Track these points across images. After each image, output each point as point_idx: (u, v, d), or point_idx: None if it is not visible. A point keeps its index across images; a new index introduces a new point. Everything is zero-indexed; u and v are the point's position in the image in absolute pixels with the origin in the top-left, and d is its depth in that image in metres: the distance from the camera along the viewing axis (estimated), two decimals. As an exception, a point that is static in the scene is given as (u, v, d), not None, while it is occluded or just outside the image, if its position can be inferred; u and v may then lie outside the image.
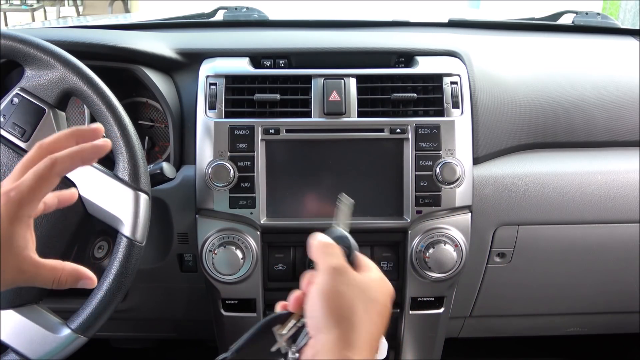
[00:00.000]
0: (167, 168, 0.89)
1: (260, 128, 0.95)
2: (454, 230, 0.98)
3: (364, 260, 0.62)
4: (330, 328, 0.54)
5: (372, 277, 0.60)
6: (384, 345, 1.03)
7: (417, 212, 0.96)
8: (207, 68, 1.01)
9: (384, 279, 0.61)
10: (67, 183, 0.76)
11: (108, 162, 0.81)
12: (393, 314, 1.06)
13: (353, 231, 0.98)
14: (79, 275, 0.61)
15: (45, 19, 6.13)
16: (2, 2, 5.86)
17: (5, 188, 0.54)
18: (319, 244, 0.61)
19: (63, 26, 1.34)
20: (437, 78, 1.00)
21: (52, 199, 0.62)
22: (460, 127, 0.97)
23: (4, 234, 0.54)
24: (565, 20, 1.33)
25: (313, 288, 0.57)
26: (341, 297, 0.55)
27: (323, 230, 0.98)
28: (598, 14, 1.30)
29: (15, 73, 1.06)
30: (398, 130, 0.96)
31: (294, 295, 0.60)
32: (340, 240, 0.62)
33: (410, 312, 1.06)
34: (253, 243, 0.97)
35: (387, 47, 1.08)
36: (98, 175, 0.76)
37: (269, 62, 1.05)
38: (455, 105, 0.99)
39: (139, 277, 0.83)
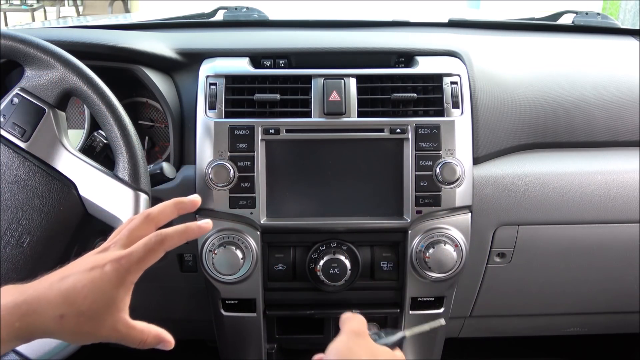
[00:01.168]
0: (167, 168, 0.89)
1: (260, 128, 0.95)
2: (454, 230, 0.98)
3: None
4: None
5: (387, 350, 0.66)
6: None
7: (417, 212, 0.96)
8: (207, 68, 1.01)
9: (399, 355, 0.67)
10: (67, 183, 0.76)
11: (108, 162, 0.81)
12: (393, 314, 1.08)
13: (353, 231, 0.99)
14: (161, 339, 0.68)
15: (45, 19, 6.13)
16: (2, 2, 5.86)
17: (116, 255, 0.60)
18: (348, 314, 0.68)
19: (63, 26, 1.34)
20: (437, 78, 1.00)
21: (152, 337, 0.69)
22: (460, 127, 0.97)
23: (109, 296, 0.60)
24: (565, 20, 1.33)
25: (330, 345, 0.62)
26: (352, 354, 0.61)
27: (324, 230, 0.99)
28: (598, 14, 1.30)
29: (15, 73, 1.06)
30: (398, 130, 0.96)
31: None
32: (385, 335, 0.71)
33: (410, 312, 1.06)
34: (253, 243, 0.97)
35: (387, 47, 1.08)
36: (98, 175, 0.76)
37: (269, 62, 1.05)
38: (455, 105, 0.99)
39: (139, 277, 0.83)
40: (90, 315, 0.58)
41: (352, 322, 0.66)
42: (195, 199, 0.68)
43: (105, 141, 0.86)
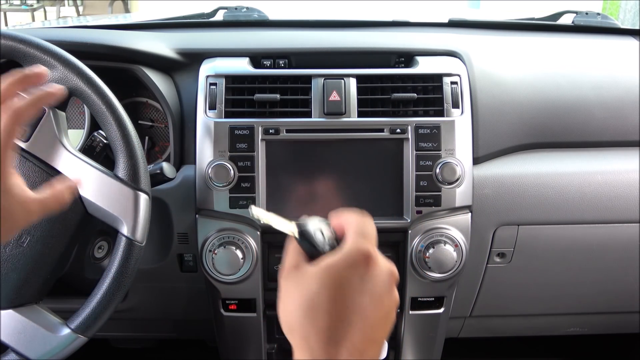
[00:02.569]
0: (167, 168, 0.89)
1: (260, 128, 0.95)
2: (454, 230, 0.98)
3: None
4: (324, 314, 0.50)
5: (393, 295, 0.54)
6: (383, 345, 1.03)
7: (417, 212, 0.96)
8: (207, 68, 1.01)
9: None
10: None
11: (108, 162, 0.81)
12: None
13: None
14: (69, 185, 0.65)
15: (45, 19, 6.13)
16: (2, 2, 5.86)
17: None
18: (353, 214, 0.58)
19: (63, 26, 1.34)
20: (437, 78, 1.00)
21: (65, 191, 0.65)
22: (460, 127, 0.97)
23: (2, 189, 0.58)
24: (565, 20, 1.33)
25: (320, 262, 0.52)
26: (344, 285, 0.51)
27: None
28: (598, 14, 1.30)
29: (15, 73, 1.06)
30: (398, 130, 0.96)
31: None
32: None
33: (410, 312, 1.06)
34: (253, 243, 0.97)
35: (387, 47, 1.08)
36: (98, 175, 0.76)
37: (269, 62, 1.05)
38: (455, 105, 0.99)
39: (139, 277, 0.83)
40: None
41: (358, 242, 0.53)
42: (41, 70, 0.63)
43: (105, 141, 0.86)
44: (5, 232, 0.60)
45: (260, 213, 0.62)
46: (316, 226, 0.57)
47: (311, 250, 0.55)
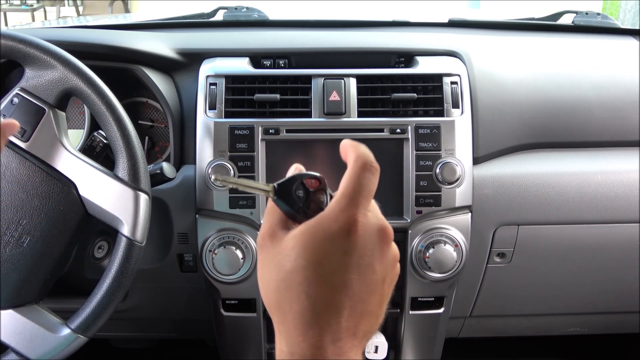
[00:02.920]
0: (167, 168, 0.89)
1: (260, 128, 0.95)
2: (454, 230, 0.98)
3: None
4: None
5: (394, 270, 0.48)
6: (383, 345, 1.04)
7: (417, 212, 0.96)
8: (207, 68, 1.01)
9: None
10: (67, 183, 0.76)
11: (108, 162, 0.81)
12: (393, 314, 1.08)
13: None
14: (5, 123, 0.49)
15: (45, 19, 6.13)
16: (2, 2, 5.86)
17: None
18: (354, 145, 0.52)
19: (63, 26, 1.34)
20: (437, 78, 1.00)
21: None
22: (460, 127, 0.97)
23: None
24: (565, 20, 1.33)
25: (310, 222, 0.45)
26: (325, 258, 0.44)
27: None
28: (598, 14, 1.30)
29: (15, 73, 1.06)
30: (398, 130, 0.96)
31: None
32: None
33: (410, 312, 1.06)
34: (253, 243, 0.97)
35: (387, 47, 1.08)
36: (98, 175, 0.76)
37: (269, 62, 1.05)
38: (455, 105, 0.99)
39: (139, 277, 0.83)
40: None
41: (353, 182, 0.47)
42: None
43: (105, 141, 0.86)
44: None
45: (228, 179, 0.49)
46: (297, 182, 0.48)
47: (290, 211, 0.47)
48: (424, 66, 1.01)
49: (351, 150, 0.51)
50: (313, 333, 0.42)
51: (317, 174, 0.50)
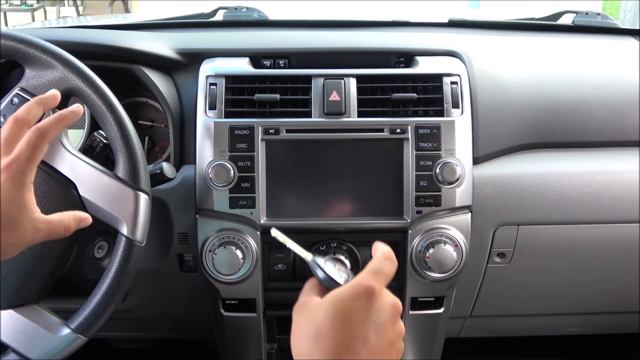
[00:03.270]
0: (167, 168, 0.89)
1: (260, 128, 0.95)
2: (454, 230, 0.98)
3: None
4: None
5: (399, 329, 0.59)
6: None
7: (417, 212, 0.96)
8: (207, 68, 1.01)
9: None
10: (67, 183, 0.76)
11: (108, 162, 0.81)
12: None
13: (353, 231, 0.99)
14: (80, 218, 0.70)
15: (45, 19, 6.13)
16: (2, 2, 5.86)
17: (4, 163, 0.62)
18: (382, 247, 0.64)
19: (63, 26, 1.34)
20: (437, 78, 1.00)
21: (72, 220, 0.70)
22: (460, 127, 0.97)
23: (17, 201, 0.62)
24: (565, 20, 1.33)
25: (333, 292, 0.57)
26: (349, 315, 0.55)
27: (324, 230, 0.99)
28: (598, 14, 1.30)
29: (15, 73, 1.06)
30: (398, 130, 0.96)
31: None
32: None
33: (410, 312, 1.06)
34: (253, 243, 0.97)
35: (387, 47, 1.08)
36: (98, 175, 0.76)
37: (269, 62, 1.05)
38: (455, 105, 0.99)
39: (139, 277, 0.83)
40: (8, 225, 0.61)
41: (367, 276, 0.58)
42: (55, 92, 0.71)
43: (105, 141, 0.86)
44: (10, 244, 0.62)
45: (280, 236, 0.67)
46: (330, 258, 0.64)
47: (323, 278, 0.61)
48: (424, 66, 1.01)
49: (379, 246, 0.64)
50: None
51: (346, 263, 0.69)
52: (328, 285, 0.60)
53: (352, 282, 0.57)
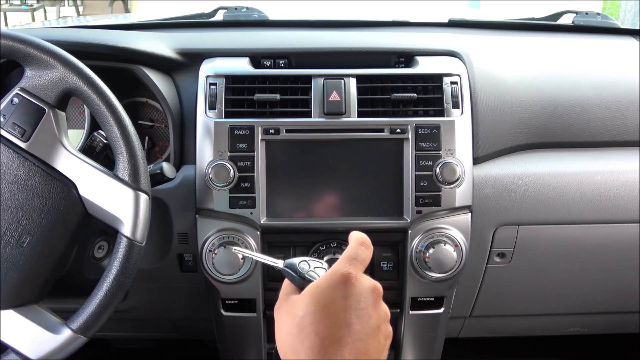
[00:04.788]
0: (167, 168, 0.89)
1: (260, 128, 0.95)
2: (454, 230, 0.98)
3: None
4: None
5: (384, 315, 0.58)
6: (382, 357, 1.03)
7: (417, 212, 0.96)
8: (207, 68, 1.01)
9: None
10: (67, 183, 0.76)
11: (108, 162, 0.81)
12: (393, 314, 1.08)
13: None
14: None
15: (45, 19, 6.13)
16: (2, 2, 5.86)
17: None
18: (357, 234, 0.63)
19: (63, 26, 1.34)
20: (437, 78, 1.00)
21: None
22: (460, 127, 0.97)
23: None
24: (565, 20, 1.33)
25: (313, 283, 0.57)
26: (330, 303, 0.55)
27: (324, 230, 0.99)
28: (598, 14, 1.30)
29: (15, 73, 1.06)
30: (398, 130, 0.96)
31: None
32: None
33: (410, 312, 1.06)
34: (253, 243, 0.97)
35: (387, 47, 1.08)
36: (98, 175, 0.76)
37: (269, 62, 1.05)
38: (455, 105, 0.99)
39: (139, 277, 0.83)
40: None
41: (342, 263, 0.57)
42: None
43: (105, 141, 0.86)
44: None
45: (244, 251, 0.73)
46: (302, 259, 0.63)
47: (296, 279, 0.61)
48: (424, 66, 1.01)
49: (353, 233, 0.64)
50: None
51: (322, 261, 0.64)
52: (303, 286, 0.59)
53: (328, 272, 0.57)
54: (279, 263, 0.64)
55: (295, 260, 0.62)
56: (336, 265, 0.58)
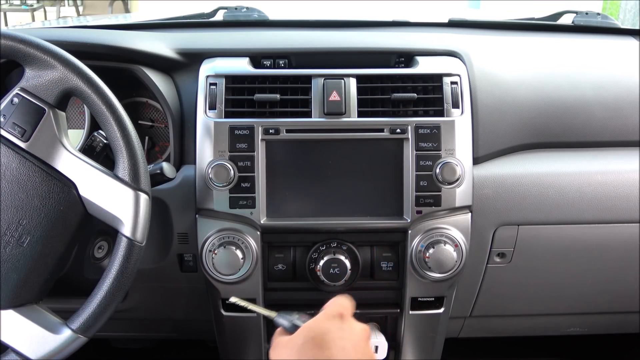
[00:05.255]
0: (167, 168, 0.89)
1: (260, 128, 0.95)
2: (454, 230, 0.98)
3: None
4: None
5: (365, 331, 0.68)
6: (384, 345, 1.04)
7: (417, 212, 0.96)
8: (207, 68, 1.01)
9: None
10: (67, 183, 0.76)
11: (108, 162, 0.81)
12: (393, 314, 1.08)
13: (353, 231, 0.99)
14: None
15: (45, 19, 6.14)
16: (2, 2, 5.86)
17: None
18: (334, 298, 0.72)
19: (63, 26, 1.34)
20: (437, 78, 1.00)
21: None
22: (460, 127, 0.97)
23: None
24: (565, 20, 1.33)
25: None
26: (325, 333, 0.63)
27: (324, 230, 0.99)
28: (598, 14, 1.30)
29: (15, 73, 1.06)
30: (398, 130, 0.96)
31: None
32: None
33: (410, 312, 1.06)
34: (253, 243, 0.97)
35: (387, 47, 1.08)
36: (98, 175, 0.76)
37: (269, 62, 1.05)
38: (455, 105, 0.99)
39: (139, 277, 0.83)
40: None
41: (333, 305, 0.67)
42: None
43: (105, 141, 0.86)
44: None
45: (240, 302, 0.81)
46: (294, 312, 0.73)
47: (290, 327, 0.70)
48: (424, 66, 1.01)
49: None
50: None
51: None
52: (294, 331, 0.67)
53: (322, 312, 0.66)
54: (273, 314, 0.75)
55: (287, 312, 0.74)
56: (328, 306, 0.68)
